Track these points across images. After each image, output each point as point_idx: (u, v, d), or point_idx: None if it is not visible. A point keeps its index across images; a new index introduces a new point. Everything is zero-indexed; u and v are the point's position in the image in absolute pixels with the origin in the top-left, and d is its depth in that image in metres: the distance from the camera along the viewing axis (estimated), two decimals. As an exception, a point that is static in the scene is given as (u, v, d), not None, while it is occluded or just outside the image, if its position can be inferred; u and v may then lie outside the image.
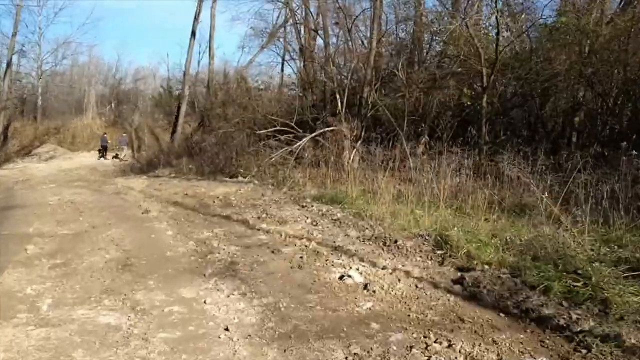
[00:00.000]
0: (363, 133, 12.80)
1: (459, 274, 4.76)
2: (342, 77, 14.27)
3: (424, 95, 13.11)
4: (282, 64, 21.53)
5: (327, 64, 13.52)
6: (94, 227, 6.64)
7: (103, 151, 24.67)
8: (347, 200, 8.15)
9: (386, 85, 13.76)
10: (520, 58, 13.37)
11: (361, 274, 4.74)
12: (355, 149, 12.60)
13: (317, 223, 6.91)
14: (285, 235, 6.24)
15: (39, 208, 7.93)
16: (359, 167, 11.70)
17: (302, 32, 16.82)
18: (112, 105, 34.63)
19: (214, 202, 8.88)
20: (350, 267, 4.94)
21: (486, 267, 4.77)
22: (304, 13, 17.08)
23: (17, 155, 23.78)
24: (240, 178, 11.87)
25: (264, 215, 7.34)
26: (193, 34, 20.83)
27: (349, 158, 12.68)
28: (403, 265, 5.02)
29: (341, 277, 4.65)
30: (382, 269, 4.90)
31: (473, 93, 14.19)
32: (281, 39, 19.75)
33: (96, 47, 57.56)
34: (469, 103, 13.98)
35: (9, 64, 23.13)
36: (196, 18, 20.56)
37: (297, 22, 15.62)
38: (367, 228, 6.45)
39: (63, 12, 47.26)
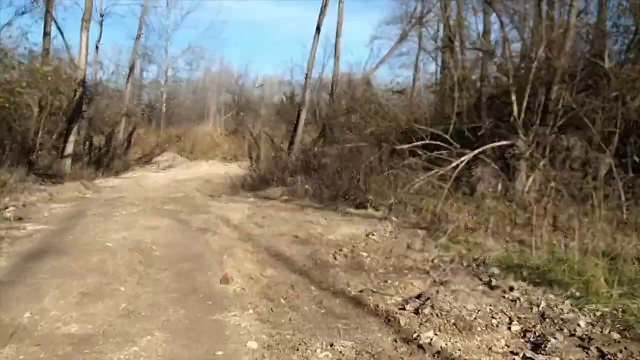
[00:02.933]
0: (548, 150, 8.87)
1: None
2: (511, 70, 10.36)
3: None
4: (417, 59, 17.98)
5: (493, 53, 9.73)
6: (128, 315, 3.78)
7: None
8: (574, 279, 4.42)
9: (581, 82, 9.56)
10: None
11: None
12: (536, 172, 8.78)
13: (540, 342, 3.33)
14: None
15: (82, 257, 5.35)
16: (540, 199, 7.95)
17: (448, 12, 13.07)
18: (234, 113, 33.69)
19: (335, 257, 5.71)
20: None
21: None
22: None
23: (137, 163, 23.11)
24: (369, 210, 8.62)
25: (426, 310, 3.94)
26: (318, 29, 18.02)
27: (526, 186, 8.88)
28: None
29: None
30: None
31: None
32: (416, 28, 16.20)
33: (225, 56, 58.79)
34: None
35: (131, 69, 22.36)
36: (322, 11, 17.82)
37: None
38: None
39: (188, 17, 47.35)
